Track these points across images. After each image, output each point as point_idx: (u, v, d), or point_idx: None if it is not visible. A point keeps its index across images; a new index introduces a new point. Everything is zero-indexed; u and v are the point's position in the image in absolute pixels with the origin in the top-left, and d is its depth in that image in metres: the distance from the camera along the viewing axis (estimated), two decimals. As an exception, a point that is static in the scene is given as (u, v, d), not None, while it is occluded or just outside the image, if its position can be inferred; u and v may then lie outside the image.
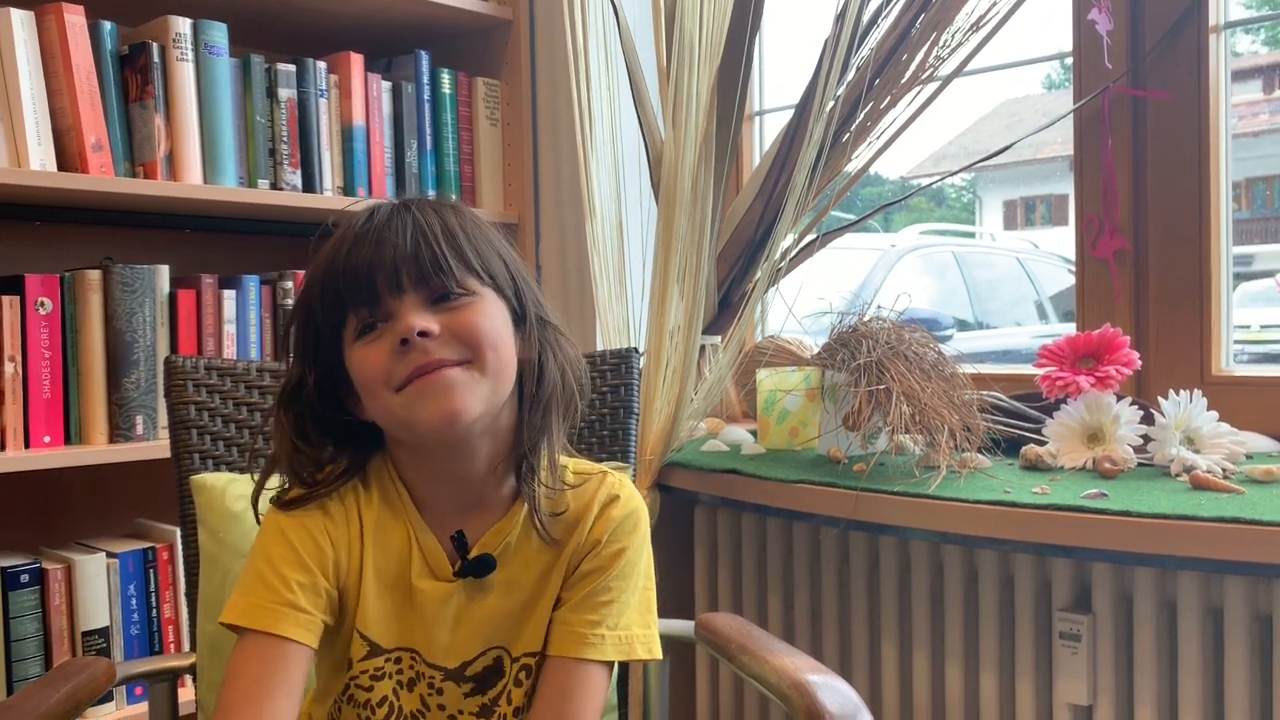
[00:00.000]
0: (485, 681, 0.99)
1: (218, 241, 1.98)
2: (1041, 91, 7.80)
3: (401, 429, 0.94)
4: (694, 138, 1.61)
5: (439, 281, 0.92)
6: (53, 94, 1.57)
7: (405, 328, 0.89)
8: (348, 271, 0.92)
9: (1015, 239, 5.67)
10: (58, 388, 1.59)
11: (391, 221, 0.93)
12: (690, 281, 1.63)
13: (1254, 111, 3.03)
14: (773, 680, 1.00)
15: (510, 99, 2.07)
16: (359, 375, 0.92)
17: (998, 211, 8.75)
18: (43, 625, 1.57)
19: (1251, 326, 2.40)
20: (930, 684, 1.51)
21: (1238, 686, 1.23)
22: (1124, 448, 1.37)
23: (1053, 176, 9.41)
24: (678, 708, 1.88)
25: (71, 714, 1.03)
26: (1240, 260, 1.71)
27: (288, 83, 1.80)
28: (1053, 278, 5.04)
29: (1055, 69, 6.95)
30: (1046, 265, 5.02)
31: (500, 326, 0.94)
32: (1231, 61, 1.57)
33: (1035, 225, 8.89)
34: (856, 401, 1.46)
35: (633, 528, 1.00)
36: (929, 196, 7.23)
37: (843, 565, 1.61)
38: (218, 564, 1.19)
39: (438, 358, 0.90)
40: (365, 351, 0.91)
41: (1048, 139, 2.04)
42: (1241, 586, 1.22)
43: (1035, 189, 9.27)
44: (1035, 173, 8.51)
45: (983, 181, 8.55)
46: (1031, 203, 9.11)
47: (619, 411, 1.34)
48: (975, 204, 8.28)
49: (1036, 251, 4.95)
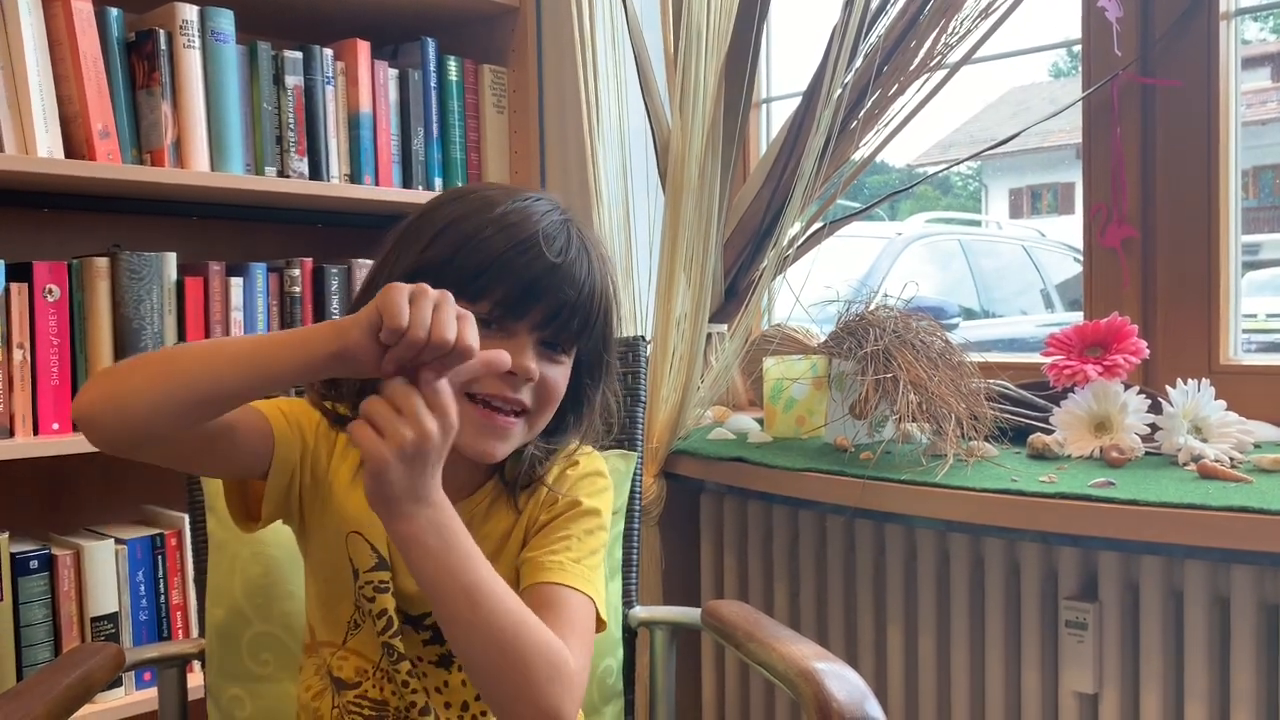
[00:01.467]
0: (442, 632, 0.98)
1: (224, 229, 1.98)
2: (1049, 79, 7.80)
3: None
4: (701, 125, 1.61)
5: (574, 340, 0.94)
6: (59, 81, 1.57)
7: (525, 370, 0.90)
8: (509, 269, 0.90)
9: (1021, 227, 5.66)
10: (66, 375, 1.59)
11: (573, 253, 0.93)
12: (697, 269, 1.63)
13: (1262, 99, 3.01)
14: (780, 668, 1.00)
15: (517, 86, 2.06)
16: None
17: (1004, 200, 8.74)
18: (52, 611, 1.57)
19: (1258, 315, 2.40)
20: (936, 672, 1.51)
21: (1244, 676, 1.23)
22: (1131, 437, 1.37)
23: (1059, 165, 9.37)
24: (684, 694, 1.88)
25: (82, 699, 1.03)
26: (1247, 249, 1.71)
27: (294, 70, 1.80)
28: (1059, 266, 5.03)
29: (1063, 57, 6.88)
30: (1053, 254, 5.01)
31: (565, 383, 0.96)
32: (1240, 49, 1.56)
33: (1041, 214, 8.88)
34: (864, 390, 1.46)
35: (589, 487, 1.02)
36: (935, 185, 7.23)
37: (849, 553, 1.61)
38: (225, 550, 1.19)
39: (516, 399, 0.92)
40: None
41: (1054, 126, 2.03)
42: (1249, 576, 1.22)
43: (1042, 177, 9.25)
44: (1042, 161, 8.50)
45: (989, 170, 8.54)
46: (1038, 191, 9.09)
47: (626, 399, 1.34)
48: (981, 192, 8.26)
49: (1043, 240, 4.94)
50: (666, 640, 1.29)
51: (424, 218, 0.95)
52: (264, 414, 0.94)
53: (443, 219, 0.93)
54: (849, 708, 0.90)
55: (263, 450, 0.93)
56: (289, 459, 0.95)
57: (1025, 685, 1.41)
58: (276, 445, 0.94)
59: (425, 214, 0.96)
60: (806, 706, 0.93)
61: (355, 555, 0.98)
